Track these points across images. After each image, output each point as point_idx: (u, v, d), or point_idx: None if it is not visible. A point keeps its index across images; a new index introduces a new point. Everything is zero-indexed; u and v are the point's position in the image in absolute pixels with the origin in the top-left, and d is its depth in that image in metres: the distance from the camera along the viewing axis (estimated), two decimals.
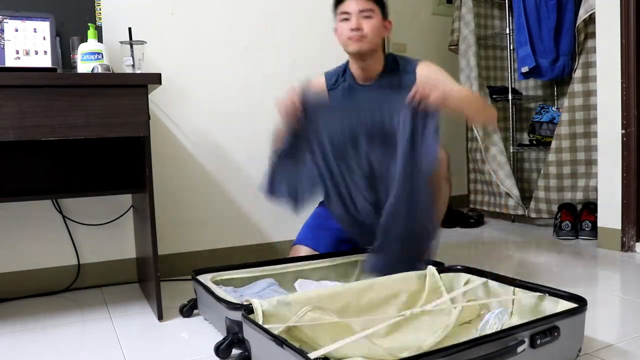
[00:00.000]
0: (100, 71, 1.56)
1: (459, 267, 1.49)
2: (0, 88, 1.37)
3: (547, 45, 2.87)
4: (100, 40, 1.76)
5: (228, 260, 2.17)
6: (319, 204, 1.95)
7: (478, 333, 1.21)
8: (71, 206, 1.99)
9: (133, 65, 1.67)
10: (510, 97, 3.10)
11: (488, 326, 1.20)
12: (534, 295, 1.27)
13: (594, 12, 2.34)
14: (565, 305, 1.18)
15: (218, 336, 1.35)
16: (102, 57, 1.67)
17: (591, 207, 2.54)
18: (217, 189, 2.22)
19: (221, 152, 2.22)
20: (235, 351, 1.24)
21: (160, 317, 1.57)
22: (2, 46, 1.64)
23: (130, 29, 1.70)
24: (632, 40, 2.15)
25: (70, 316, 1.66)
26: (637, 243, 2.21)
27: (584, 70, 2.58)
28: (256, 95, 2.27)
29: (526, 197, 3.09)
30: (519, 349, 1.01)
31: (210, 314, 1.48)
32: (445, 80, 1.73)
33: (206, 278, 1.58)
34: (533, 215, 2.87)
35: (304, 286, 1.60)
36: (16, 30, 1.66)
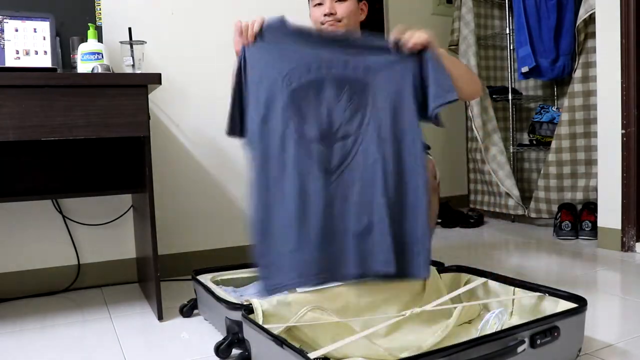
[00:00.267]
0: (100, 71, 1.56)
1: (459, 267, 1.49)
2: (0, 88, 1.37)
3: (547, 45, 2.87)
4: (100, 40, 1.76)
5: (228, 260, 2.17)
6: None
7: (478, 333, 1.21)
8: (71, 206, 1.99)
9: (133, 65, 1.67)
10: (510, 97, 3.10)
11: (488, 326, 1.20)
12: (534, 295, 1.27)
13: (594, 12, 2.34)
14: (565, 305, 1.18)
15: (218, 336, 1.35)
16: (102, 57, 1.67)
17: (591, 207, 2.54)
18: (217, 189, 2.22)
19: (221, 152, 2.22)
20: (235, 351, 1.24)
21: (160, 317, 1.57)
22: (2, 46, 1.64)
23: (130, 29, 1.70)
24: (632, 40, 2.15)
25: (70, 316, 1.66)
26: (637, 243, 2.21)
27: (584, 70, 2.58)
28: None
29: (526, 197, 3.09)
30: (519, 349, 1.01)
31: (210, 314, 1.48)
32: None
33: (206, 278, 1.58)
34: (533, 215, 2.87)
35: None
36: (16, 30, 1.66)
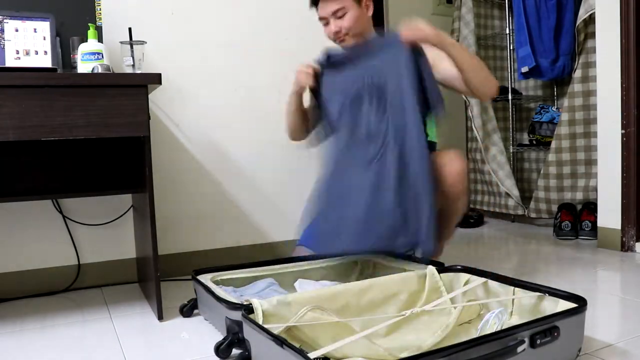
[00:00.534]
0: (100, 71, 1.56)
1: (459, 267, 1.49)
2: (0, 88, 1.37)
3: (547, 45, 2.87)
4: (100, 40, 1.76)
5: (228, 260, 2.17)
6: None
7: (478, 333, 1.21)
8: (71, 206, 1.99)
9: (133, 65, 1.67)
10: (510, 97, 3.10)
11: (488, 326, 1.20)
12: (534, 295, 1.27)
13: (594, 12, 2.34)
14: (565, 305, 1.18)
15: (218, 336, 1.35)
16: (102, 57, 1.68)
17: (591, 207, 2.54)
18: (217, 189, 2.22)
19: (221, 152, 2.22)
20: (235, 351, 1.24)
21: (160, 317, 1.57)
22: (2, 46, 1.64)
23: (130, 29, 1.70)
24: (632, 40, 2.15)
25: (70, 316, 1.66)
26: (637, 243, 2.21)
27: (584, 70, 2.58)
28: (256, 95, 2.28)
29: (526, 197, 3.09)
30: (519, 349, 1.01)
31: (210, 314, 1.48)
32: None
33: (206, 278, 1.58)
34: (533, 215, 2.87)
35: (304, 286, 1.59)
36: (16, 30, 1.66)
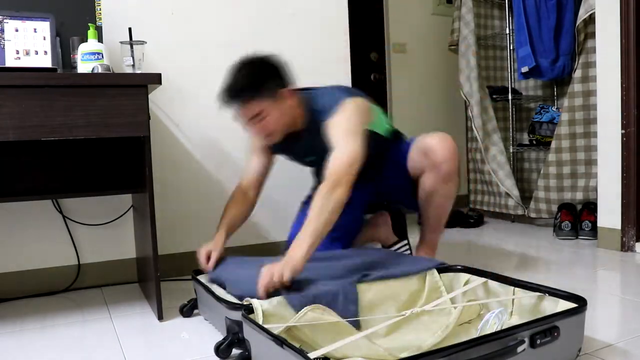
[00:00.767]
0: (100, 71, 1.56)
1: (459, 267, 1.49)
2: (0, 88, 1.37)
3: (547, 45, 2.87)
4: (100, 40, 1.76)
5: None
6: (303, 205, 1.96)
7: (478, 333, 1.21)
8: (71, 206, 1.99)
9: (133, 65, 1.67)
10: (510, 97, 3.10)
11: (488, 326, 1.20)
12: (534, 295, 1.27)
13: (594, 12, 2.34)
14: (565, 305, 1.18)
15: (218, 336, 1.35)
16: (102, 57, 1.68)
17: (591, 207, 2.54)
18: (217, 189, 2.22)
19: (221, 152, 2.22)
20: (235, 351, 1.24)
21: (160, 317, 1.57)
22: (2, 46, 1.64)
23: (130, 29, 1.70)
24: (632, 40, 2.15)
25: (70, 316, 1.66)
26: (637, 243, 2.21)
27: (584, 70, 2.58)
28: None
29: (526, 197, 3.09)
30: (519, 349, 1.01)
31: (210, 314, 1.48)
32: (350, 127, 1.55)
33: (206, 278, 1.58)
34: (533, 215, 2.88)
35: None
36: (16, 30, 1.66)
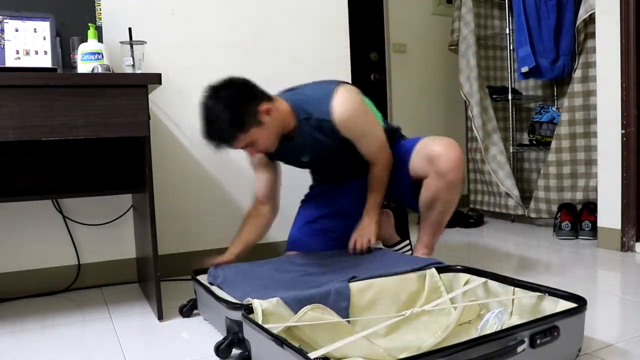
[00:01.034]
0: (100, 71, 1.56)
1: (459, 267, 1.49)
2: (0, 88, 1.37)
3: (547, 45, 2.87)
4: (100, 40, 1.76)
5: None
6: (302, 203, 1.96)
7: (478, 333, 1.21)
8: (71, 206, 1.99)
9: (133, 65, 1.67)
10: (510, 97, 3.10)
11: (488, 326, 1.20)
12: (534, 295, 1.27)
13: (594, 12, 2.34)
14: (565, 305, 1.18)
15: (218, 336, 1.35)
16: (102, 57, 1.68)
17: (591, 207, 2.54)
18: (217, 189, 2.22)
19: (221, 152, 2.22)
20: (235, 351, 1.24)
21: (160, 317, 1.57)
22: (2, 46, 1.64)
23: (130, 29, 1.70)
24: (632, 40, 2.15)
25: (70, 316, 1.66)
26: (637, 243, 2.21)
27: (584, 70, 2.58)
28: None
29: (526, 197, 3.09)
30: (519, 349, 1.01)
31: (210, 314, 1.48)
32: (363, 121, 1.69)
33: (206, 278, 1.58)
34: (533, 215, 2.88)
35: None
36: (16, 30, 1.66)
